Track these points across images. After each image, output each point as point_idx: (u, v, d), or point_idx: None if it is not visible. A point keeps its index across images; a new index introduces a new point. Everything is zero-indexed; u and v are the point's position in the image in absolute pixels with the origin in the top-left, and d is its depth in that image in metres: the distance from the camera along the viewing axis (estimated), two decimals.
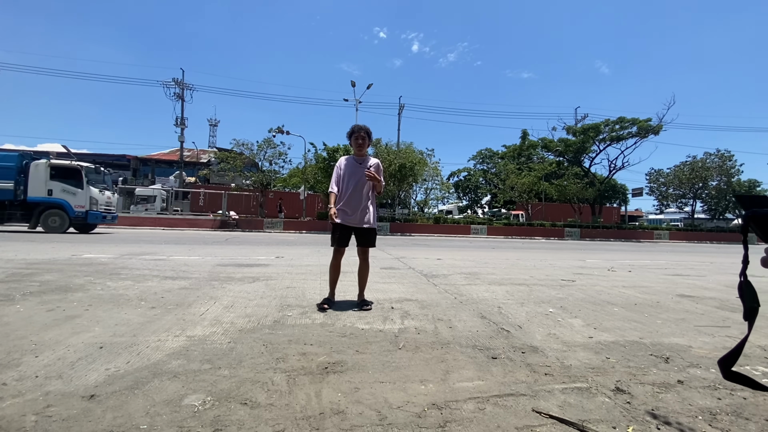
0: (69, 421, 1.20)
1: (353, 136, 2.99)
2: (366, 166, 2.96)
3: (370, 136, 3.05)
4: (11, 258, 5.13)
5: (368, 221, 2.96)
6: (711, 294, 4.06)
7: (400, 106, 27.80)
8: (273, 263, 5.59)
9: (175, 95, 30.85)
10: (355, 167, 2.97)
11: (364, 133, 2.99)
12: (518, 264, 6.63)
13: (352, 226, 2.95)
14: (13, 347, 1.84)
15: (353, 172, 2.95)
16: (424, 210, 34.79)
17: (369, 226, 2.97)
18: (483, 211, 41.01)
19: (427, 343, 2.11)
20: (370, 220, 2.97)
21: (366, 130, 3.01)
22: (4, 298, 2.84)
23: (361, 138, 2.97)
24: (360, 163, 2.99)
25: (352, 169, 2.97)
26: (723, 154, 31.26)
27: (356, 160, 3.01)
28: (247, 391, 1.45)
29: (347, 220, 2.92)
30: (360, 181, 2.92)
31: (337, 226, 2.94)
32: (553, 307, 3.13)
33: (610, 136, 26.99)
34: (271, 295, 3.30)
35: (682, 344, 2.24)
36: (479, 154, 45.39)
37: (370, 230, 2.98)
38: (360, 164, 2.98)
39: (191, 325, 2.30)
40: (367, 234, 2.99)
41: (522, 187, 28.58)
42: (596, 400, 1.47)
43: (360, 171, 2.95)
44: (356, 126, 3.00)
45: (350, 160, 3.02)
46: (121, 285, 3.51)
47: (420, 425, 1.25)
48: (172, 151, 40.00)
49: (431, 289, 3.84)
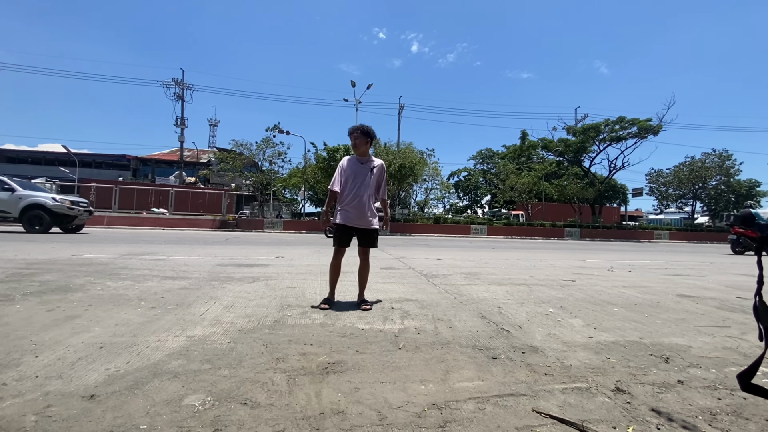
0: (69, 421, 1.20)
1: (350, 136, 3.00)
2: (369, 167, 2.97)
3: (368, 135, 2.98)
4: (11, 258, 5.13)
5: (371, 222, 2.96)
6: (711, 294, 4.06)
7: (400, 106, 27.80)
8: (273, 263, 5.59)
9: (175, 95, 30.89)
10: (357, 167, 2.97)
11: (359, 132, 2.96)
12: (518, 264, 6.63)
13: (354, 226, 2.95)
14: (13, 347, 1.84)
15: (356, 173, 2.95)
16: (424, 210, 34.80)
17: (371, 227, 2.97)
18: (483, 211, 41.02)
19: (427, 343, 2.11)
20: (372, 221, 2.97)
21: (361, 129, 2.97)
22: (4, 298, 2.84)
23: (354, 138, 2.96)
24: (363, 164, 2.99)
25: (355, 169, 2.96)
26: (722, 154, 31.28)
27: (359, 160, 3.00)
28: (247, 391, 1.45)
29: (349, 220, 2.92)
30: (362, 182, 2.92)
31: (339, 226, 2.94)
32: (553, 307, 3.13)
33: (610, 136, 27.00)
34: (271, 295, 3.30)
35: (682, 344, 2.24)
36: (479, 154, 45.44)
37: (372, 231, 2.98)
38: (362, 164, 2.98)
39: (191, 325, 2.30)
40: (369, 235, 2.99)
41: (522, 187, 28.61)
42: (596, 400, 1.47)
43: (363, 171, 2.95)
44: (353, 127, 3.00)
45: (353, 160, 3.01)
46: (121, 285, 3.50)
47: (420, 425, 1.25)
48: (172, 151, 40.02)
49: (431, 289, 3.84)
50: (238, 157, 27.18)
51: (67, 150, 30.00)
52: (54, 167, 33.48)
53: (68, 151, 30.09)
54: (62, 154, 32.60)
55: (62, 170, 30.36)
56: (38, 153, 38.90)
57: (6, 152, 37.67)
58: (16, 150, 39.42)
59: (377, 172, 3.02)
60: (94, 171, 36.26)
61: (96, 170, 36.77)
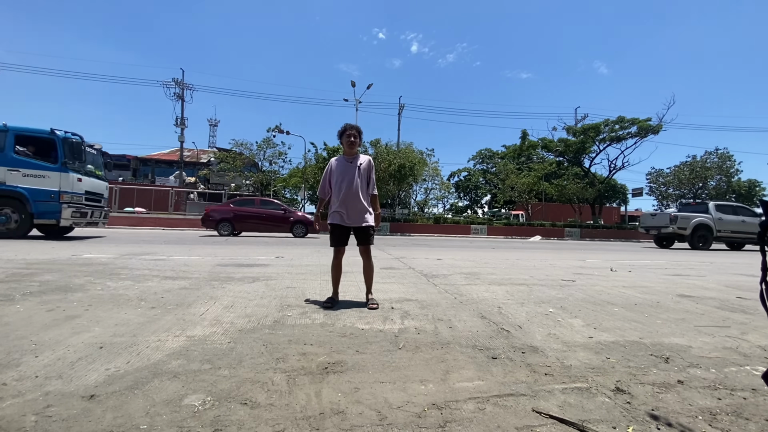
0: (69, 421, 1.20)
1: (344, 135, 3.00)
2: (356, 165, 2.98)
3: (361, 135, 3.07)
4: (11, 258, 5.13)
5: (364, 220, 2.97)
6: (711, 294, 4.06)
7: (400, 106, 27.80)
8: (273, 263, 5.59)
9: (175, 95, 30.88)
10: (346, 167, 2.99)
11: (356, 131, 3.00)
12: (518, 264, 6.62)
13: (350, 226, 2.97)
14: (13, 347, 1.84)
15: (344, 172, 2.97)
16: (424, 210, 34.81)
17: (365, 224, 2.98)
18: (483, 211, 41.02)
19: (427, 343, 2.11)
20: (366, 219, 2.98)
21: (357, 129, 3.03)
22: (4, 298, 2.84)
23: (353, 137, 2.98)
24: (351, 162, 3.01)
25: (343, 168, 2.99)
26: (722, 154, 31.28)
27: (347, 159, 3.03)
28: (247, 391, 1.45)
29: (343, 220, 2.95)
30: (353, 181, 2.94)
31: (334, 226, 2.97)
32: (553, 307, 3.13)
33: (610, 136, 27.01)
34: (271, 295, 3.30)
35: (682, 344, 2.24)
36: (479, 154, 45.44)
37: (367, 228, 3.00)
38: (350, 163, 3.00)
39: (191, 325, 2.30)
40: (365, 231, 3.00)
41: (522, 187, 28.60)
42: (596, 400, 1.47)
43: (351, 170, 2.97)
44: (347, 125, 3.02)
45: (341, 161, 3.04)
46: (121, 285, 3.50)
47: (420, 425, 1.25)
48: (172, 151, 40.00)
49: (431, 289, 3.84)
50: (238, 157, 27.20)
51: None
52: None
53: None
54: None
55: None
56: None
57: None
58: None
59: (365, 168, 3.03)
60: None
61: None
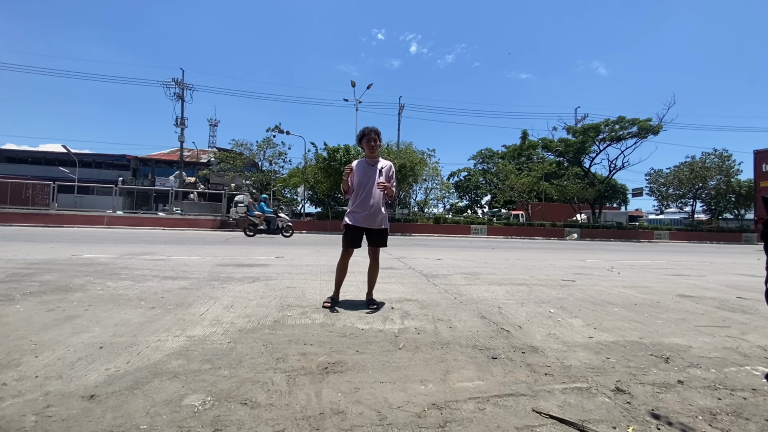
0: (69, 421, 1.20)
1: (365, 139, 2.97)
2: (377, 169, 2.98)
3: (380, 137, 3.05)
4: (11, 258, 5.13)
5: (381, 222, 2.98)
6: (711, 294, 4.06)
7: (400, 106, 27.76)
8: (273, 263, 5.59)
9: (175, 95, 30.81)
10: (366, 170, 2.99)
11: (376, 135, 2.98)
12: (518, 264, 6.62)
13: (365, 227, 2.96)
14: (13, 347, 1.84)
15: (365, 175, 2.97)
16: (424, 210, 34.80)
17: (382, 227, 2.99)
18: (483, 211, 41.01)
19: (427, 343, 2.11)
20: (383, 222, 2.99)
21: (376, 131, 3.00)
22: (4, 298, 2.84)
23: (373, 140, 2.96)
24: (372, 165, 3.01)
25: (364, 171, 2.98)
26: (722, 154, 31.25)
27: (368, 162, 3.03)
28: (247, 391, 1.45)
29: (360, 221, 2.94)
30: (373, 184, 2.94)
31: (349, 227, 2.96)
32: (554, 307, 3.13)
33: (610, 136, 26.97)
34: (271, 295, 3.30)
35: (682, 344, 2.24)
36: (479, 154, 45.39)
37: (382, 231, 3.01)
38: (372, 166, 3.00)
39: (191, 325, 2.30)
40: (380, 234, 3.01)
41: (522, 187, 28.59)
42: (596, 400, 1.47)
43: (372, 173, 2.96)
44: (368, 128, 3.00)
45: (362, 163, 3.03)
46: (121, 285, 3.50)
47: (420, 425, 1.25)
48: (172, 151, 39.99)
49: (431, 289, 3.84)
50: (238, 156, 27.17)
51: (67, 150, 29.97)
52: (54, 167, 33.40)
53: (68, 151, 30.06)
54: (62, 154, 32.54)
55: (62, 170, 30.31)
56: (38, 153, 38.84)
57: (6, 152, 37.59)
58: (16, 150, 39.34)
59: (386, 173, 3.02)
60: (94, 171, 36.20)
61: (96, 170, 36.70)
